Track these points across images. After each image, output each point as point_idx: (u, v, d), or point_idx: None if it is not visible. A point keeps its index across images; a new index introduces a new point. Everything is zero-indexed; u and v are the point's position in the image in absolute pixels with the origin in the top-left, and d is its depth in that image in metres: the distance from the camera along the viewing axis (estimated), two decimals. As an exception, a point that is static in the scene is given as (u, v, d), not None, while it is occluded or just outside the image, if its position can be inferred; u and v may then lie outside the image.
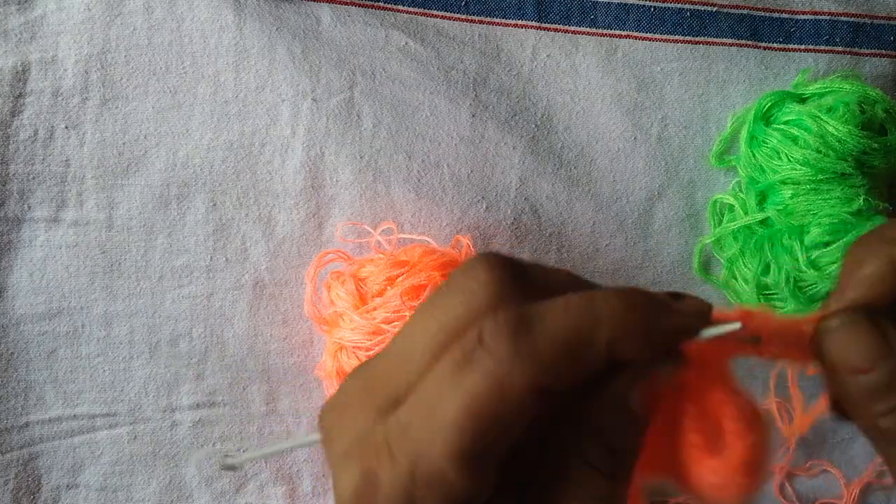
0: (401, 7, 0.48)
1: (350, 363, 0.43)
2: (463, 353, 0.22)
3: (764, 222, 0.47)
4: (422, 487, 0.22)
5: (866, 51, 0.50)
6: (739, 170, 0.49)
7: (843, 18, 0.50)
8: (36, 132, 0.47)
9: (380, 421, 0.23)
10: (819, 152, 0.45)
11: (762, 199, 0.48)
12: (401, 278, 0.42)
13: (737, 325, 0.23)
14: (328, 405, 0.25)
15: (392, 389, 0.23)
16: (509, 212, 0.49)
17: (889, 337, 0.24)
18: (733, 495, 0.23)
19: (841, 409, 0.25)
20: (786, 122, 0.46)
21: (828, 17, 0.50)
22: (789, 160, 0.46)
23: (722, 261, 0.49)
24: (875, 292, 0.25)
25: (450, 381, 0.22)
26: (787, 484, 0.50)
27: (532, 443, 0.24)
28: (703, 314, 0.24)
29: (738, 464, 0.23)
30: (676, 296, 0.25)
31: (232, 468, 0.35)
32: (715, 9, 0.49)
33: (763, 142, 0.47)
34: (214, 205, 0.47)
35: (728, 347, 0.24)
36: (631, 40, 0.49)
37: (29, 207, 0.47)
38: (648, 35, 0.49)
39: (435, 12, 0.49)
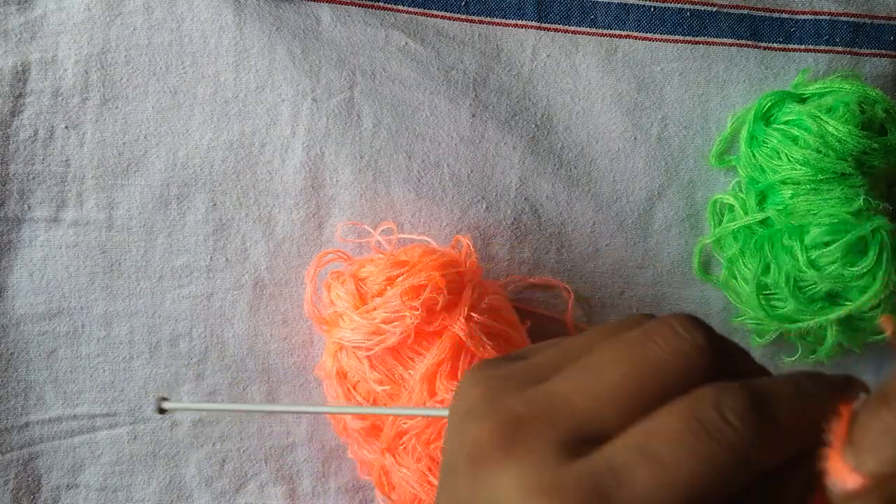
0: (401, 7, 0.48)
1: (350, 363, 0.43)
2: (698, 418, 0.22)
3: (764, 222, 0.47)
4: None
5: (866, 51, 0.50)
6: (739, 170, 0.49)
7: (843, 18, 0.50)
8: (36, 132, 0.47)
9: (570, 457, 0.22)
10: (819, 152, 0.45)
11: (762, 199, 0.48)
12: (401, 278, 0.42)
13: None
14: (486, 418, 0.24)
15: (584, 423, 0.23)
16: (509, 212, 0.49)
17: None
18: None
19: None
20: (786, 122, 0.46)
21: (828, 17, 0.50)
22: (789, 160, 0.46)
23: (722, 261, 0.49)
24: None
25: (686, 443, 0.22)
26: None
27: None
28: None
29: None
30: (855, 383, 0.25)
31: (163, 412, 0.34)
32: (715, 9, 0.49)
33: (763, 142, 0.47)
34: (214, 205, 0.47)
35: None
36: (631, 40, 0.49)
37: (29, 207, 0.47)
38: (648, 35, 0.49)
39: (435, 12, 0.49)
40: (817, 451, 0.23)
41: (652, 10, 0.49)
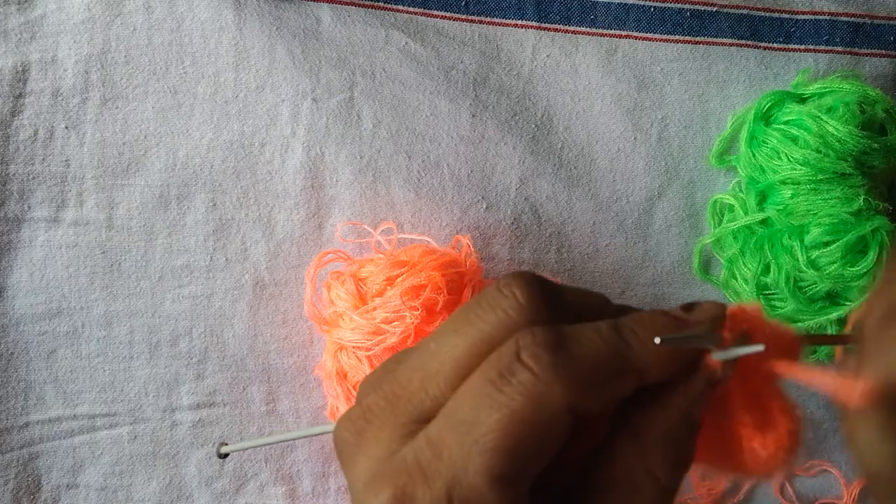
0: (401, 7, 0.48)
1: (350, 363, 0.43)
2: (499, 369, 0.22)
3: (764, 222, 0.47)
4: None
5: (866, 51, 0.50)
6: (739, 170, 0.49)
7: (842, 18, 0.50)
8: (36, 132, 0.47)
9: (407, 440, 0.23)
10: (819, 152, 0.45)
11: (762, 199, 0.48)
12: (401, 278, 0.42)
13: (759, 347, 0.24)
14: (346, 418, 0.25)
15: (417, 404, 0.23)
16: (509, 212, 0.49)
17: None
18: (777, 465, 0.25)
19: None
20: (786, 122, 0.46)
21: (828, 17, 0.50)
22: (789, 160, 0.46)
23: (722, 261, 0.49)
24: None
25: (486, 398, 0.22)
26: (787, 484, 0.50)
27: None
28: (716, 320, 0.24)
29: (784, 436, 0.24)
30: (690, 306, 0.25)
31: (225, 456, 0.35)
32: (715, 9, 0.49)
33: (763, 142, 0.47)
34: (214, 205, 0.47)
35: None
36: (631, 40, 0.49)
37: (29, 207, 0.47)
38: (648, 35, 0.49)
39: (435, 12, 0.49)
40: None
41: (652, 10, 0.49)
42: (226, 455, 0.36)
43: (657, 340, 0.23)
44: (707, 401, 0.24)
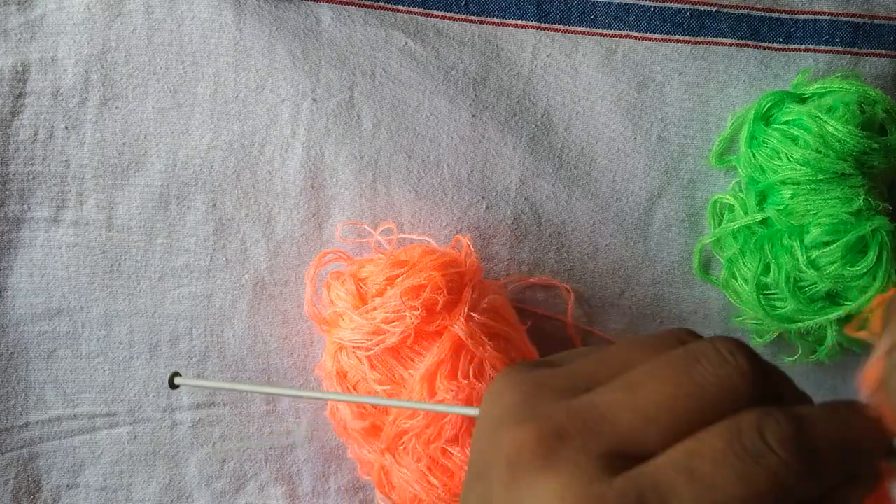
0: (401, 7, 0.48)
1: (350, 363, 0.43)
2: (742, 443, 0.22)
3: (764, 222, 0.47)
4: None
5: (866, 51, 0.50)
6: (739, 170, 0.49)
7: (842, 18, 0.50)
8: (36, 132, 0.47)
9: (610, 473, 0.22)
10: (819, 152, 0.45)
11: (762, 199, 0.48)
12: (401, 278, 0.42)
13: None
14: (533, 431, 0.24)
15: (624, 441, 0.23)
16: (509, 212, 0.49)
17: None
18: None
19: None
20: (786, 122, 0.46)
21: (828, 17, 0.50)
22: (789, 160, 0.46)
23: (722, 261, 0.49)
24: None
25: (729, 466, 0.22)
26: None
27: None
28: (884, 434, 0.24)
29: None
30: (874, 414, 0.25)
31: (176, 387, 0.35)
32: (715, 9, 0.49)
33: (763, 142, 0.47)
34: (214, 205, 0.47)
35: None
36: (631, 40, 0.49)
37: (29, 207, 0.47)
38: (648, 35, 0.49)
39: (435, 12, 0.49)
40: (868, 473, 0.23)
41: (652, 10, 0.49)
42: (177, 386, 0.36)
43: None
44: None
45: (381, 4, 0.48)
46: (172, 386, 0.37)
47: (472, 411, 0.28)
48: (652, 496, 0.22)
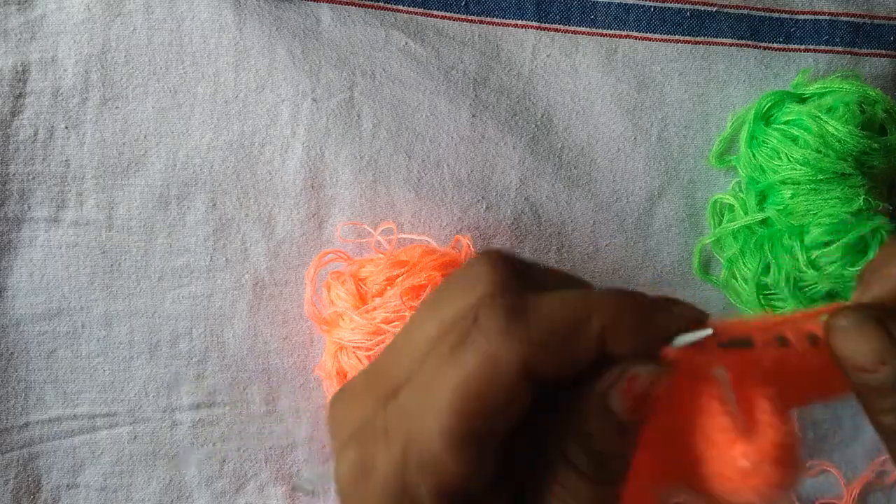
0: (401, 7, 0.48)
1: (350, 363, 0.43)
2: (458, 334, 0.22)
3: (764, 222, 0.47)
4: (414, 470, 0.22)
5: (866, 51, 0.50)
6: (739, 170, 0.49)
7: (842, 18, 0.50)
8: (36, 132, 0.47)
9: (380, 408, 0.23)
10: (819, 152, 0.45)
11: (762, 199, 0.48)
12: (401, 278, 0.42)
13: (708, 331, 0.23)
14: (335, 397, 0.26)
15: (393, 379, 0.24)
16: (509, 212, 0.49)
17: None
18: (761, 485, 0.23)
19: None
20: (786, 122, 0.46)
21: (828, 17, 0.50)
22: (789, 160, 0.46)
23: (722, 261, 0.49)
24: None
25: (444, 361, 0.22)
26: (787, 484, 0.50)
27: (527, 441, 0.24)
28: (698, 321, 0.24)
29: (771, 447, 0.23)
30: (674, 301, 0.25)
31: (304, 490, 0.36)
32: (715, 9, 0.49)
33: (763, 142, 0.47)
34: (214, 205, 0.47)
35: (718, 354, 0.24)
36: (631, 40, 0.49)
37: (29, 207, 0.47)
38: (648, 35, 0.49)
39: (435, 12, 0.49)
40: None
41: (652, 10, 0.49)
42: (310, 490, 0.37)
43: (677, 342, 0.23)
44: (631, 391, 0.23)
45: (381, 4, 0.48)
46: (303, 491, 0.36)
47: None
48: (391, 418, 0.23)
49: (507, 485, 0.23)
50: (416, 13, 0.49)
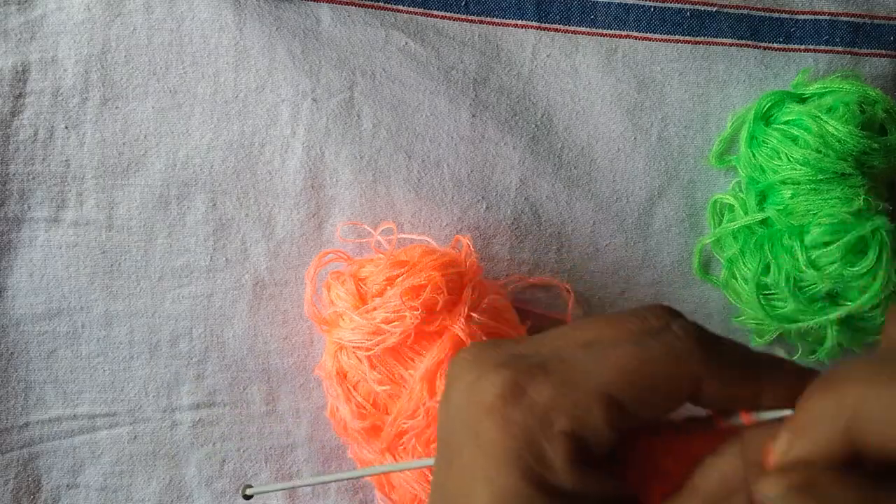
0: (401, 7, 0.48)
1: (350, 363, 0.43)
2: (645, 328, 0.24)
3: (764, 222, 0.47)
4: (562, 410, 0.23)
5: (866, 51, 0.50)
6: (739, 170, 0.49)
7: (842, 18, 0.50)
8: (36, 132, 0.47)
9: (536, 352, 0.24)
10: (819, 152, 0.45)
11: (762, 199, 0.48)
12: (401, 278, 0.42)
13: (788, 412, 0.24)
14: (472, 345, 0.26)
15: (544, 347, 0.25)
16: (509, 212, 0.49)
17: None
18: None
19: None
20: (786, 122, 0.46)
21: (828, 17, 0.50)
22: (789, 160, 0.46)
23: (722, 261, 0.49)
24: (825, 451, 0.23)
25: (628, 340, 0.23)
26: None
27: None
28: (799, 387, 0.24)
29: None
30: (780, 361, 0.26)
31: (249, 497, 0.36)
32: (715, 9, 0.49)
33: (763, 142, 0.47)
34: (214, 205, 0.47)
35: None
36: (631, 40, 0.49)
37: (29, 207, 0.47)
38: (648, 35, 0.49)
39: (435, 12, 0.49)
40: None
41: (652, 10, 0.49)
42: (250, 496, 0.37)
43: (763, 416, 0.24)
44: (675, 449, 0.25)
45: (381, 4, 0.48)
46: (245, 497, 0.37)
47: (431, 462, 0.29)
48: (553, 361, 0.24)
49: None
50: (416, 13, 0.49)
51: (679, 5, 0.49)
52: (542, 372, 0.23)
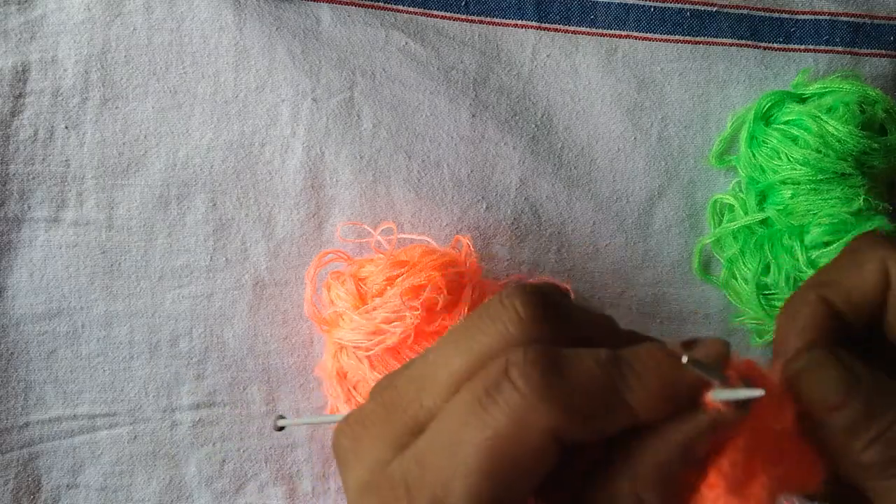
0: (401, 7, 0.48)
1: (350, 363, 0.43)
2: (486, 386, 0.21)
3: (764, 222, 0.47)
4: None
5: (866, 51, 0.50)
6: (739, 170, 0.49)
7: (842, 18, 0.50)
8: (36, 132, 0.47)
9: (398, 452, 0.22)
10: (819, 152, 0.45)
11: (762, 199, 0.48)
12: (401, 278, 0.42)
13: (754, 393, 0.22)
14: (345, 422, 0.24)
15: (412, 415, 0.23)
16: (509, 212, 0.49)
17: (853, 367, 0.23)
18: None
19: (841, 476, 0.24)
20: (786, 122, 0.46)
21: (828, 17, 0.50)
22: (789, 160, 0.46)
23: (722, 261, 0.49)
24: (812, 337, 0.25)
25: (471, 415, 0.21)
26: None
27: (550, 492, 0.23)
28: (720, 357, 0.23)
29: None
30: (692, 342, 0.24)
31: (281, 429, 0.36)
32: (715, 9, 0.49)
33: (763, 142, 0.47)
34: (214, 205, 0.47)
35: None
36: (631, 40, 0.49)
37: (29, 207, 0.47)
38: (648, 35, 0.49)
39: (435, 12, 0.49)
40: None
41: (652, 10, 0.49)
42: (282, 428, 0.37)
43: (684, 359, 0.22)
44: (710, 441, 0.22)
45: (381, 4, 0.48)
46: (278, 429, 0.37)
47: None
48: (412, 469, 0.21)
49: None
50: (416, 13, 0.49)
51: (679, 5, 0.49)
52: (405, 493, 0.21)
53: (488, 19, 0.49)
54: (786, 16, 0.50)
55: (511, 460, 0.21)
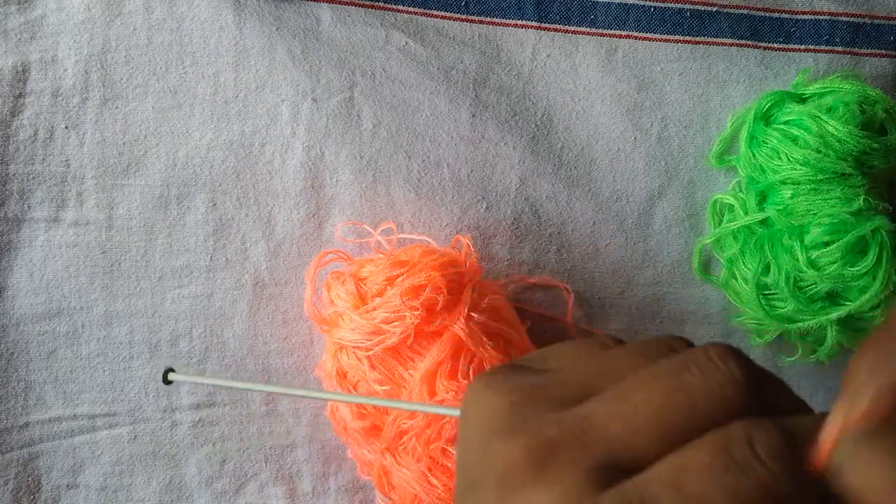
0: (401, 7, 0.48)
1: (350, 363, 0.43)
2: (731, 456, 0.22)
3: (764, 222, 0.47)
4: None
5: (866, 51, 0.50)
6: (739, 170, 0.49)
7: (842, 18, 0.50)
8: (36, 132, 0.47)
9: (600, 486, 0.22)
10: (819, 152, 0.45)
11: (762, 199, 0.48)
12: (401, 278, 0.42)
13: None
14: (521, 444, 0.23)
15: (615, 452, 0.23)
16: (509, 212, 0.49)
17: None
18: None
19: None
20: (786, 122, 0.46)
21: (828, 17, 0.50)
22: (789, 160, 0.46)
23: (722, 261, 0.49)
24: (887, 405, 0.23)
25: (717, 480, 0.21)
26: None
27: None
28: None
29: None
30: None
31: (169, 383, 0.36)
32: (715, 9, 0.49)
33: (763, 142, 0.47)
34: (214, 205, 0.47)
35: None
36: (631, 40, 0.49)
37: (29, 207, 0.47)
38: (648, 35, 0.49)
39: (435, 12, 0.49)
40: None
41: (652, 10, 0.49)
42: (170, 382, 0.37)
43: None
44: None
45: (381, 4, 0.48)
46: (166, 382, 0.37)
47: (453, 412, 0.28)
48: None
49: None
50: (416, 13, 0.49)
51: (679, 5, 0.49)
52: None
53: (488, 19, 0.49)
54: (786, 16, 0.50)
55: None
